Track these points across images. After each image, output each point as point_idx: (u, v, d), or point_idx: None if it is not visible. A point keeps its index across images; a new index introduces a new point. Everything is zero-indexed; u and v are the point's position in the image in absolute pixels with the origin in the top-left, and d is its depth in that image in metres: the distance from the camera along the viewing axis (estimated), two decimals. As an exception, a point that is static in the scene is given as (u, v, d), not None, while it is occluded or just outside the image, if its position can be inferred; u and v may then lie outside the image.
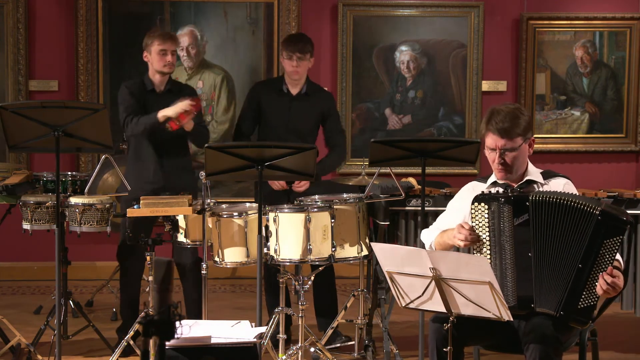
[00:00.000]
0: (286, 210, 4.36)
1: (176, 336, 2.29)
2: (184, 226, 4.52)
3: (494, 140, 3.51)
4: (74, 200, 4.71)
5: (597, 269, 3.26)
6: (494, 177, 3.64)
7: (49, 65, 6.78)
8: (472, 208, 3.44)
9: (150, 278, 4.51)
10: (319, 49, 6.92)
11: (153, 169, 4.90)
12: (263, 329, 3.94)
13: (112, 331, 5.00)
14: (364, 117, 6.94)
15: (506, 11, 7.01)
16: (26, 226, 4.79)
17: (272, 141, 5.05)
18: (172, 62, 4.89)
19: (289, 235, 4.32)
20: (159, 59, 4.86)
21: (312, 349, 4.54)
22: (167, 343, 2.30)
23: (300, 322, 4.37)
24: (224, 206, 4.63)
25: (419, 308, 3.30)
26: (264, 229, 4.24)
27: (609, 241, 3.25)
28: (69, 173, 5.37)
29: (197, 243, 4.49)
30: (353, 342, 4.92)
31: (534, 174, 3.60)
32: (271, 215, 4.35)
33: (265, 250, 4.33)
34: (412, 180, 4.79)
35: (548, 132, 7.08)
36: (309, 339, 4.51)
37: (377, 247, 3.27)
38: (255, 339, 3.42)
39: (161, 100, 4.82)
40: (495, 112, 3.51)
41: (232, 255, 4.40)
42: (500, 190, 3.48)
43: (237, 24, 6.85)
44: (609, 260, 3.26)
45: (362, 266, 4.87)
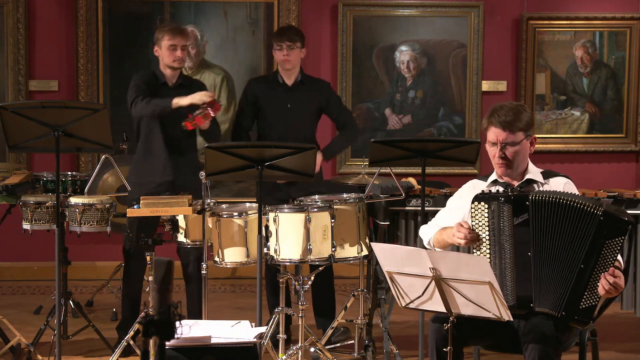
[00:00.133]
0: (286, 210, 4.36)
1: (176, 336, 2.29)
2: (184, 226, 4.53)
3: (495, 134, 3.51)
4: (74, 200, 4.72)
5: (599, 269, 3.26)
6: (494, 176, 3.65)
7: (49, 65, 6.78)
8: (472, 207, 3.44)
9: (150, 278, 4.51)
10: (319, 49, 6.92)
11: (163, 164, 4.89)
12: (263, 329, 3.94)
13: (112, 331, 5.00)
14: (364, 117, 6.93)
15: (506, 11, 7.01)
16: (26, 226, 4.79)
17: (271, 134, 5.10)
18: (181, 58, 4.89)
19: (289, 235, 4.32)
20: (168, 54, 4.87)
21: (312, 349, 4.54)
22: (167, 343, 2.30)
23: (300, 322, 4.37)
24: (224, 206, 4.63)
25: (419, 308, 3.30)
26: (264, 229, 4.24)
27: (611, 241, 3.25)
28: (69, 173, 5.38)
29: (197, 243, 4.49)
30: (353, 342, 4.92)
31: (534, 173, 3.60)
32: (271, 215, 4.35)
33: (265, 250, 4.33)
34: (412, 180, 4.79)
35: (548, 132, 7.07)
36: (309, 339, 4.51)
37: (377, 247, 3.27)
38: (255, 339, 3.42)
39: (173, 94, 4.80)
40: (498, 107, 3.53)
41: (232, 255, 4.40)
42: (501, 189, 3.48)
43: (237, 24, 6.85)
44: (611, 261, 3.26)
45: (362, 266, 4.87)
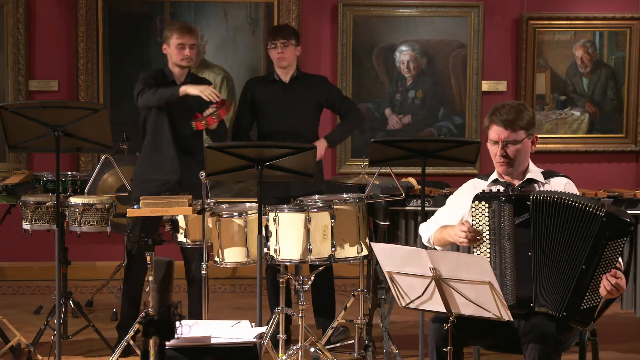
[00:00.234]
0: (286, 210, 4.36)
1: (176, 336, 2.29)
2: (184, 226, 4.52)
3: (497, 133, 3.51)
4: (74, 200, 4.71)
5: (600, 270, 3.26)
6: (495, 175, 3.64)
7: (49, 65, 6.78)
8: (472, 206, 3.44)
9: (150, 278, 4.51)
10: (319, 49, 6.92)
11: (170, 162, 4.89)
12: (263, 329, 3.94)
13: (112, 331, 4.99)
14: (364, 117, 6.93)
15: (506, 11, 7.01)
16: (26, 226, 4.78)
17: (271, 132, 5.10)
18: (190, 56, 4.89)
19: (289, 235, 4.32)
20: (177, 52, 4.87)
21: (312, 349, 4.54)
22: (167, 343, 2.30)
23: (300, 322, 4.37)
24: (224, 206, 4.63)
25: (419, 308, 3.30)
26: (264, 229, 4.24)
27: (613, 242, 3.24)
28: (69, 173, 5.38)
29: (197, 243, 4.49)
30: (353, 342, 4.92)
31: (535, 172, 3.60)
32: (271, 215, 4.35)
33: (265, 250, 4.33)
34: (412, 180, 4.78)
35: (548, 132, 7.07)
36: (309, 339, 4.51)
37: (377, 247, 3.27)
38: (255, 339, 3.42)
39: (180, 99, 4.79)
40: (500, 106, 3.54)
41: (232, 255, 4.40)
42: (501, 188, 3.48)
43: (237, 24, 6.85)
44: (613, 262, 3.26)
45: (362, 266, 4.87)
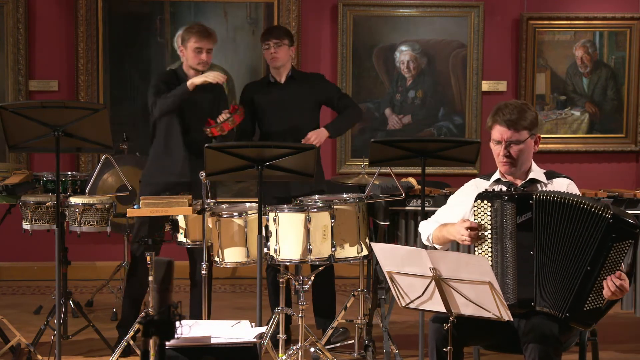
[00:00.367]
0: (286, 210, 4.36)
1: (176, 336, 2.29)
2: (184, 226, 4.52)
3: (500, 133, 3.51)
4: (74, 200, 4.71)
5: (605, 271, 3.25)
6: (497, 175, 3.64)
7: (49, 65, 6.78)
8: (474, 205, 3.44)
9: (150, 278, 4.51)
10: (319, 49, 6.92)
11: (181, 164, 4.88)
12: (263, 329, 3.94)
13: (112, 331, 4.99)
14: (364, 117, 6.92)
15: (506, 11, 7.01)
16: (26, 226, 4.78)
17: (271, 133, 5.09)
18: (206, 61, 4.89)
19: (289, 235, 4.32)
20: (194, 56, 4.87)
21: (312, 349, 4.54)
22: (167, 343, 2.30)
23: (300, 322, 4.37)
24: (224, 206, 4.63)
25: (419, 308, 3.30)
26: (264, 229, 4.24)
27: (619, 244, 3.24)
28: (69, 173, 5.39)
29: (197, 243, 4.49)
30: (353, 342, 4.92)
31: (537, 172, 3.60)
32: (271, 215, 4.35)
33: (265, 250, 4.33)
34: (412, 180, 4.78)
35: (548, 132, 7.07)
36: (309, 339, 4.51)
37: (377, 247, 3.27)
38: (255, 339, 3.42)
39: (194, 95, 4.78)
40: (502, 106, 3.53)
41: (232, 255, 4.40)
42: (504, 188, 3.48)
43: (237, 24, 6.85)
44: (618, 264, 3.25)
45: (362, 266, 4.87)
